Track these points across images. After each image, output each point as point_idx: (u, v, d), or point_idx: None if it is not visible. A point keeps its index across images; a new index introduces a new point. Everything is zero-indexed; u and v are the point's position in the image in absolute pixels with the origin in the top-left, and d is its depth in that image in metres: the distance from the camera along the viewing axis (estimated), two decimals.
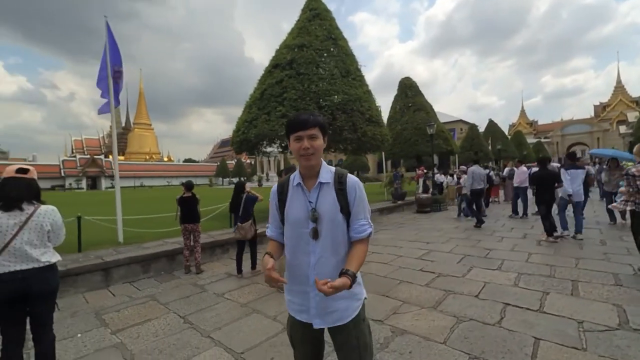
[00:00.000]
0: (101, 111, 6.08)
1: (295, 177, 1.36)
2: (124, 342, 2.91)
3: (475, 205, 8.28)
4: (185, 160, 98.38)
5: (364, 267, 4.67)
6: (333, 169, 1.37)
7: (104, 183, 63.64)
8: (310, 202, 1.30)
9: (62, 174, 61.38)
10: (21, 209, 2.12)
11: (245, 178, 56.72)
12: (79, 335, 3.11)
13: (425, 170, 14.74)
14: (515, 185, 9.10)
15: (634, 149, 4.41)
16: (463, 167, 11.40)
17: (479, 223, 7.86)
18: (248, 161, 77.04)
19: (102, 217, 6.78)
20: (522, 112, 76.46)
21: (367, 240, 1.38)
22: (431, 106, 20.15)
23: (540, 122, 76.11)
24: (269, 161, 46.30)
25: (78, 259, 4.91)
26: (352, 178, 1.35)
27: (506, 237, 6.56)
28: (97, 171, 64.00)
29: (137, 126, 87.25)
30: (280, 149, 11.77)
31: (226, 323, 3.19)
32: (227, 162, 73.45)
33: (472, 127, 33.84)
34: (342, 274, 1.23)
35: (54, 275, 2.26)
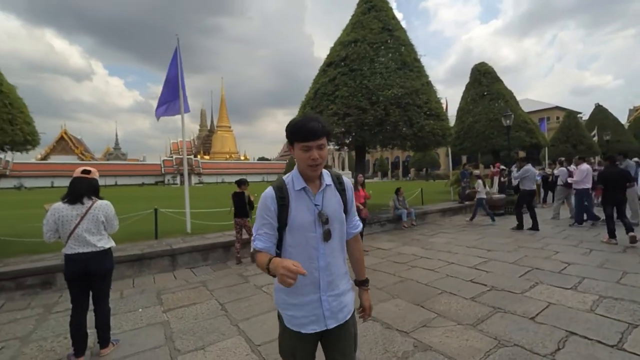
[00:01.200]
0: (159, 114, 6.92)
1: (294, 182, 1.29)
2: (169, 321, 3.33)
3: (527, 206, 7.49)
4: (259, 159, 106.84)
5: (404, 272, 4.37)
6: (327, 171, 1.37)
7: (193, 179, 73.40)
8: (316, 205, 1.28)
9: (162, 172, 72.97)
10: (82, 203, 2.60)
11: None
12: (140, 310, 3.68)
13: (502, 167, 13.02)
14: (574, 187, 7.55)
15: None
16: (476, 172, 10.21)
17: (520, 227, 7.45)
18: None
19: (178, 210, 7.85)
20: None
21: (360, 236, 1.53)
22: (511, 93, 17.58)
23: None
24: (333, 158, 46.89)
25: (153, 245, 5.79)
26: (346, 179, 1.44)
27: (597, 250, 5.35)
28: (188, 169, 74.19)
29: (219, 129, 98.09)
30: (337, 147, 11.84)
31: (254, 315, 3.37)
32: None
33: (570, 115, 28.39)
34: (360, 286, 1.48)
35: (108, 258, 2.71)
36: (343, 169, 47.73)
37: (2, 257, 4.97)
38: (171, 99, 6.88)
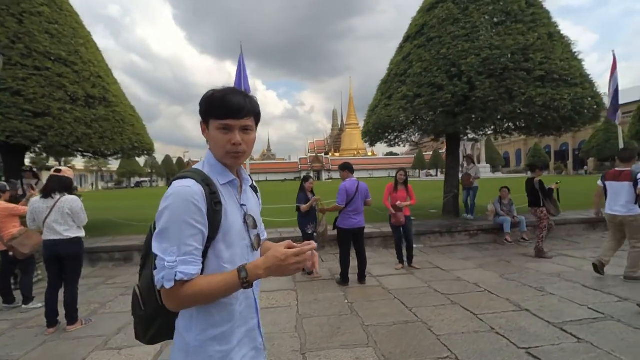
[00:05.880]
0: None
1: (217, 173, 0.94)
2: None
3: None
4: (387, 154, 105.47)
5: (427, 310, 3.10)
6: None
7: (324, 175, 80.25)
8: (242, 205, 0.97)
9: (299, 169, 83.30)
10: (52, 197, 3.03)
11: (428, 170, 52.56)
12: None
13: None
14: None
15: None
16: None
17: None
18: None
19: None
20: None
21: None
22: None
23: None
24: (465, 150, 40.53)
25: None
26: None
27: None
28: (320, 166, 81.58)
29: (347, 127, 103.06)
30: (430, 138, 10.04)
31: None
32: (424, 153, 71.60)
33: None
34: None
35: (76, 246, 3.08)
36: (479, 162, 41.57)
37: (114, 234, 6.72)
38: None
